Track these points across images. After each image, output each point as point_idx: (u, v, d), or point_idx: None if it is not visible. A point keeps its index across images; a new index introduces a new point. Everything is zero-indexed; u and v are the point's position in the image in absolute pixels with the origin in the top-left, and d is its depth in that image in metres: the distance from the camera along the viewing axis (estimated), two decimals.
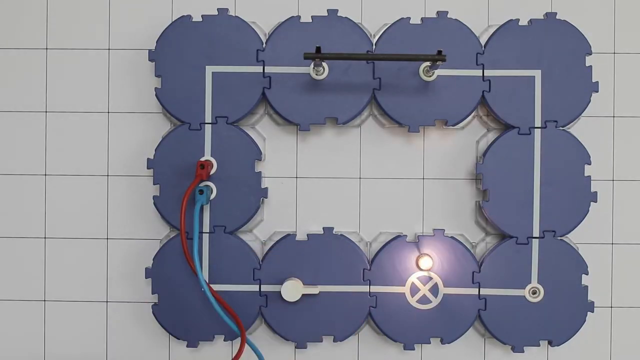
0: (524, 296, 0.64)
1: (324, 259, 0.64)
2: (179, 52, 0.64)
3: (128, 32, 0.67)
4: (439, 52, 0.58)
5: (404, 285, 0.64)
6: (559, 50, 0.63)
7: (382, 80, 0.63)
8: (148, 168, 0.64)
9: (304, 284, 0.63)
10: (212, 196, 0.64)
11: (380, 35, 0.64)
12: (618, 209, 0.67)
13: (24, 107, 0.67)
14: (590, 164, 0.64)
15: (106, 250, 0.67)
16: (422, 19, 0.64)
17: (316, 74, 0.63)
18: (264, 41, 0.64)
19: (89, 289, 0.67)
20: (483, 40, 0.64)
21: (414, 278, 0.64)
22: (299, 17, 0.64)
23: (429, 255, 0.63)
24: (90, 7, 0.67)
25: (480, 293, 0.64)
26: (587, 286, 0.64)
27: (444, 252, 0.64)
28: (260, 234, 0.67)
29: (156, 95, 0.64)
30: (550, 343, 0.64)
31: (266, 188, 0.65)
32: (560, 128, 0.64)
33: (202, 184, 0.63)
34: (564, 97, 0.63)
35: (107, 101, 0.67)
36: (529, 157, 0.64)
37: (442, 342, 0.64)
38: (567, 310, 0.64)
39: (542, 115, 0.63)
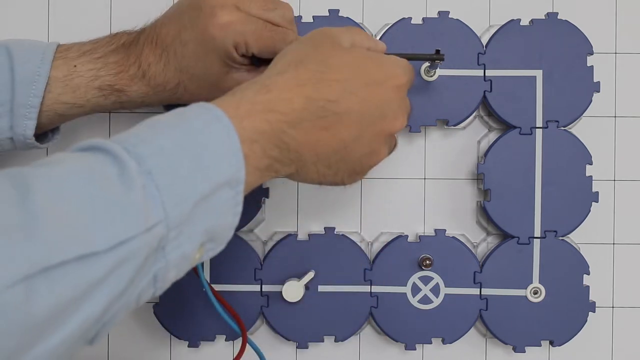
0: (526, 296, 0.64)
1: (325, 259, 0.64)
2: None
3: None
4: (437, 51, 0.58)
5: (405, 285, 0.64)
6: (561, 50, 0.63)
7: None
8: None
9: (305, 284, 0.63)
10: None
11: (382, 36, 0.64)
12: (619, 209, 0.67)
13: None
14: (591, 164, 0.64)
15: None
16: (423, 19, 0.64)
17: None
18: None
19: None
20: (484, 40, 0.64)
21: (415, 278, 0.64)
22: (300, 17, 0.64)
23: (430, 255, 0.63)
24: (91, 7, 0.67)
25: (482, 293, 0.64)
26: (588, 286, 0.64)
27: (446, 252, 0.64)
28: (261, 234, 0.67)
29: None
30: (551, 343, 0.64)
31: (267, 188, 0.65)
32: (562, 128, 0.64)
33: None
34: (566, 97, 0.63)
35: None
36: (530, 157, 0.63)
37: (444, 342, 0.64)
38: (568, 311, 0.64)
39: (543, 115, 0.63)
